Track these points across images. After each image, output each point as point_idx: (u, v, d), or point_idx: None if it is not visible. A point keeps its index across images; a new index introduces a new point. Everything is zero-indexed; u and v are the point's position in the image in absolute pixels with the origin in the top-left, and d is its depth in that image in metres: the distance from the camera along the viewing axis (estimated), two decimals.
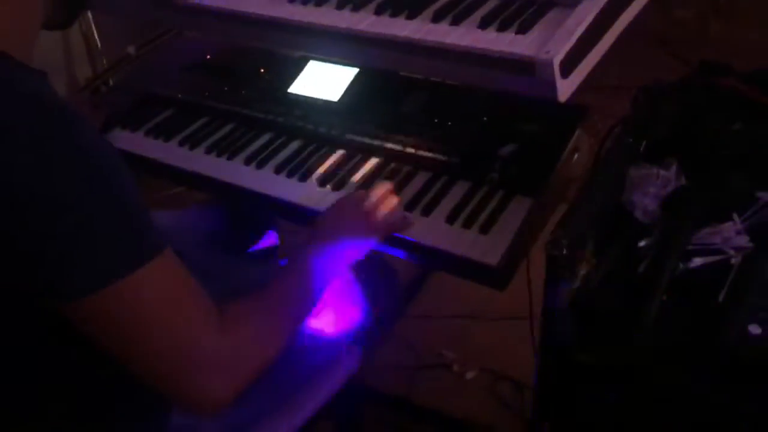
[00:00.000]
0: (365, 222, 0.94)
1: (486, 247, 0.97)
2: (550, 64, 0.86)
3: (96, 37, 2.42)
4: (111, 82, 2.16)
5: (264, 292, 0.80)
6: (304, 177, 1.15)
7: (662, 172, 0.90)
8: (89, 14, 2.37)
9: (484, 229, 0.99)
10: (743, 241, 0.85)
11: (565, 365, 0.82)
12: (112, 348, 0.67)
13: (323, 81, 1.26)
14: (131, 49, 2.20)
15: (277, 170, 1.18)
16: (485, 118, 1.13)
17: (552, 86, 0.88)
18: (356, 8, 1.03)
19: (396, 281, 1.19)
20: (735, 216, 0.88)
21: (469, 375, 1.77)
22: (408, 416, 1.69)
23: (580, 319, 0.81)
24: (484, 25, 0.94)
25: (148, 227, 0.66)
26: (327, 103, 1.24)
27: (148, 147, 1.32)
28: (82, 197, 0.61)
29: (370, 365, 1.58)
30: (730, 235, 0.86)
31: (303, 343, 1.01)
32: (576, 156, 1.10)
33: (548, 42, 0.88)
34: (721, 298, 0.79)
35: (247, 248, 1.23)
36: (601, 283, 0.83)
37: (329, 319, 1.09)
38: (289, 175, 1.17)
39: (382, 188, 0.98)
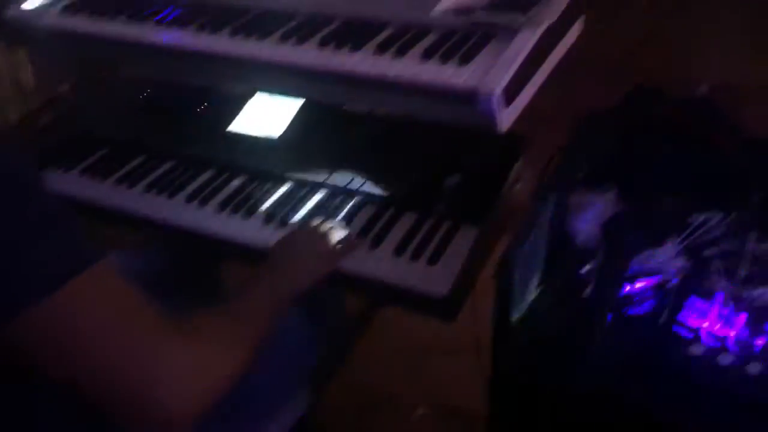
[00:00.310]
0: (314, 251, 0.94)
1: (435, 278, 0.96)
2: (491, 94, 0.87)
3: (30, 75, 2.34)
4: (41, 123, 2.08)
5: (222, 307, 0.77)
6: (248, 214, 1.13)
7: (602, 198, 0.93)
8: (22, 53, 2.30)
9: (433, 260, 0.99)
10: (680, 263, 0.88)
11: (516, 393, 0.81)
12: (58, 369, 0.61)
13: (264, 118, 1.25)
14: (64, 88, 2.13)
15: (220, 208, 1.15)
16: (429, 150, 1.14)
17: (493, 116, 0.90)
18: (300, 41, 1.03)
19: (344, 318, 1.17)
20: (671, 240, 0.91)
21: (420, 411, 1.75)
22: None
23: (530, 346, 0.81)
24: (426, 56, 0.95)
25: (80, 241, 0.63)
26: (268, 140, 1.23)
27: (83, 187, 1.27)
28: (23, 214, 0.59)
29: (319, 405, 1.55)
30: (668, 258, 0.89)
31: (248, 385, 0.97)
32: (518, 185, 1.12)
33: (489, 72, 0.90)
34: (662, 319, 0.81)
35: (191, 290, 1.18)
36: (549, 309, 0.84)
37: (275, 360, 1.06)
38: (233, 212, 1.14)
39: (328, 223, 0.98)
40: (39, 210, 0.61)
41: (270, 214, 1.12)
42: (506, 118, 0.92)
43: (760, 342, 0.74)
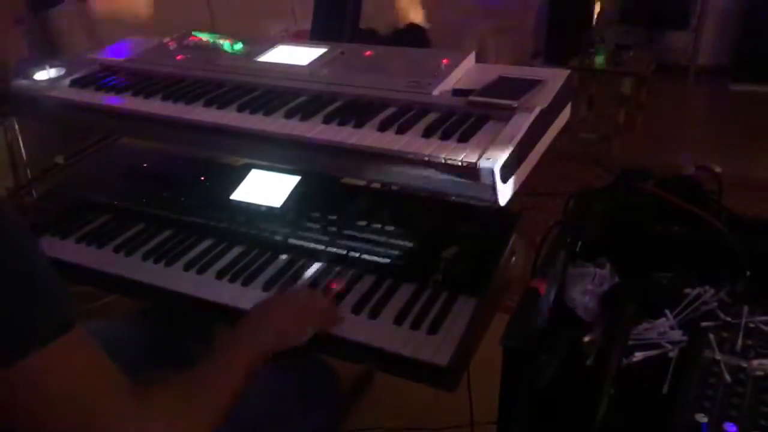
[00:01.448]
0: (293, 310, 0.97)
1: (435, 348, 0.97)
2: (491, 170, 0.92)
3: (21, 146, 2.37)
4: (34, 194, 2.10)
5: (185, 375, 0.78)
6: (248, 282, 1.14)
7: (598, 271, 0.96)
8: (14, 123, 2.33)
9: (433, 330, 1.00)
10: (677, 335, 0.90)
11: None
12: (21, 428, 0.64)
13: (265, 188, 1.28)
14: (59, 159, 2.15)
15: (219, 276, 1.16)
16: (426, 222, 1.17)
17: (493, 190, 0.94)
18: (305, 118, 1.08)
19: (336, 389, 1.16)
20: (667, 312, 0.93)
21: None
22: None
23: (537, 415, 0.81)
24: (427, 134, 1.00)
25: (55, 306, 0.65)
26: (270, 209, 1.25)
27: (79, 254, 1.27)
28: None
29: None
30: (665, 330, 0.91)
31: None
32: (513, 258, 1.15)
33: (487, 150, 0.95)
34: (665, 389, 0.82)
35: (187, 357, 1.17)
36: (553, 377, 0.84)
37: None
38: (232, 280, 1.15)
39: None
40: (27, 269, 0.63)
41: (268, 282, 1.13)
42: (505, 192, 0.96)
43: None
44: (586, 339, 0.88)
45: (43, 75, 1.35)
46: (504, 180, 0.95)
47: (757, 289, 0.93)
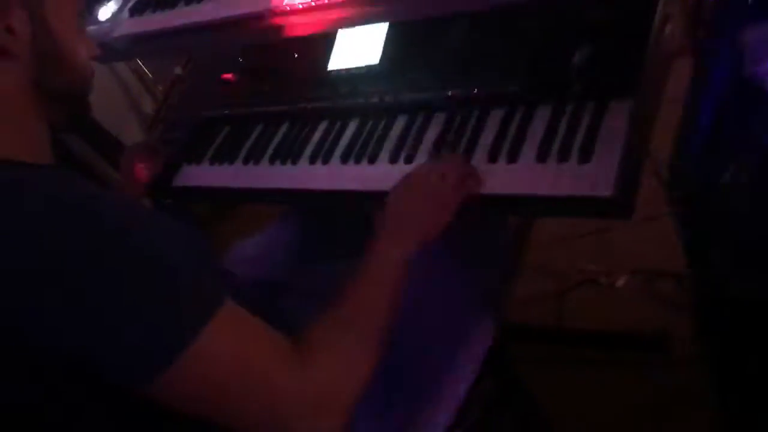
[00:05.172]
0: (432, 196, 0.85)
1: (594, 178, 0.82)
2: None
3: (144, 68, 2.43)
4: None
5: (337, 308, 0.74)
6: (373, 159, 1.05)
7: None
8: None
9: (585, 157, 0.85)
10: None
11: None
12: (201, 415, 0.64)
13: (357, 48, 1.13)
14: (178, 70, 2.17)
15: (344, 159, 1.09)
16: (543, 30, 0.96)
17: None
18: None
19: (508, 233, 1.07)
20: None
21: (620, 282, 1.63)
22: (566, 344, 1.59)
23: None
24: None
25: (202, 287, 0.63)
26: (370, 68, 1.12)
27: (217, 175, 1.27)
28: (119, 287, 0.58)
29: (512, 300, 1.48)
30: None
31: (421, 339, 0.94)
32: (668, 27, 0.90)
33: None
34: None
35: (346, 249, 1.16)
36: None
37: (453, 295, 1.01)
38: (357, 161, 1.07)
39: (444, 157, 0.91)
40: (157, 275, 0.61)
41: (394, 152, 1.03)
42: None
43: None
44: None
45: (105, 13, 1.29)
46: None
47: None
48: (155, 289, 0.60)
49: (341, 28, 1.14)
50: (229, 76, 1.38)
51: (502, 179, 0.89)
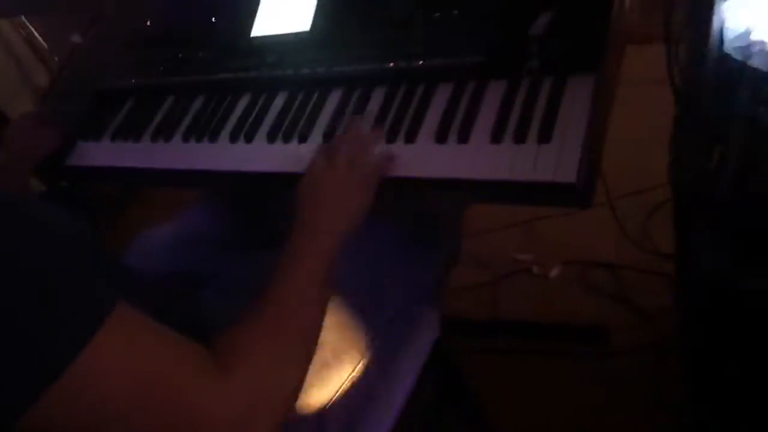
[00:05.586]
0: (338, 181, 0.76)
1: (555, 161, 0.74)
2: None
3: (39, 37, 2.19)
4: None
5: (257, 309, 0.64)
6: (304, 137, 0.93)
7: None
8: (24, 19, 2.16)
9: (545, 137, 0.76)
10: None
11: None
12: None
13: (286, 12, 1.00)
14: (77, 38, 1.94)
15: (271, 138, 0.96)
16: None
17: None
18: None
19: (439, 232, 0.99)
20: None
21: (554, 273, 1.59)
22: (503, 335, 1.53)
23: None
24: None
25: (84, 296, 0.51)
26: (299, 36, 0.99)
27: (120, 154, 1.11)
28: None
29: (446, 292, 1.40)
30: None
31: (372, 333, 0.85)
32: (627, 1, 0.84)
33: None
34: None
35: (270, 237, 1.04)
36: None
37: (394, 294, 0.92)
38: (286, 139, 0.95)
39: (349, 132, 0.82)
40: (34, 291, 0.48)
41: (328, 129, 0.92)
42: None
43: None
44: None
45: None
46: None
47: None
48: (18, 313, 0.47)
49: None
50: (135, 41, 1.21)
51: (453, 162, 0.80)
